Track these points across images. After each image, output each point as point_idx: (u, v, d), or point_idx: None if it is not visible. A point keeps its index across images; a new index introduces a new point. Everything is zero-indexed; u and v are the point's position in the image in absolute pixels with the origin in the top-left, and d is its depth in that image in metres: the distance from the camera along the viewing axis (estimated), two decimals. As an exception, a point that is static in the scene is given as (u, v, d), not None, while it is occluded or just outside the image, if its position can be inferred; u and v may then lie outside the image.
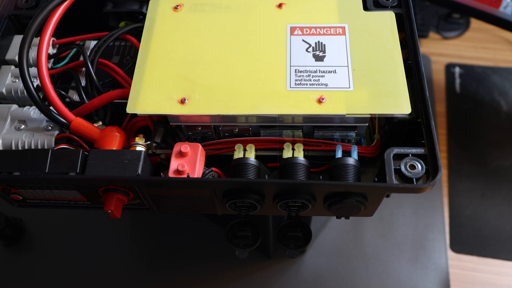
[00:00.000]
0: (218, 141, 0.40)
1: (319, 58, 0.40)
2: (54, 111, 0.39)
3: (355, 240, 0.65)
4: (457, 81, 0.80)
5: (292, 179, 0.36)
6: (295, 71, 0.39)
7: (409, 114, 0.36)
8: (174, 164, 0.37)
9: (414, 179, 0.34)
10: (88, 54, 0.43)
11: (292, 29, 0.42)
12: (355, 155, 0.37)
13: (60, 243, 0.66)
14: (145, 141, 0.39)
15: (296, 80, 0.38)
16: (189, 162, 0.37)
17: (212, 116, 0.38)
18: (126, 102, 0.38)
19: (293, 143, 0.39)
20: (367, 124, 0.39)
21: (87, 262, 0.65)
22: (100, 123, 0.41)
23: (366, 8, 0.43)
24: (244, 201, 0.37)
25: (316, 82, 0.38)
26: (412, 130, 0.38)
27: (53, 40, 0.46)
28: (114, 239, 0.66)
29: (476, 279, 0.62)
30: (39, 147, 0.38)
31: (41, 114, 0.39)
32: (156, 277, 0.63)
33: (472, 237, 0.65)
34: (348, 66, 0.39)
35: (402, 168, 0.34)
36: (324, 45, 0.41)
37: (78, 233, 0.67)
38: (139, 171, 0.35)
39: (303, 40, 0.41)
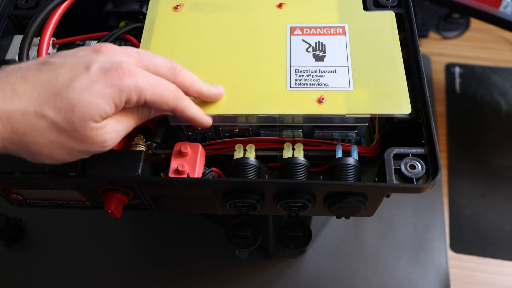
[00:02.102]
0: (218, 141, 0.40)
1: (319, 58, 0.40)
2: (54, 111, 0.38)
3: (355, 240, 0.65)
4: (457, 81, 0.80)
5: (292, 179, 0.36)
6: (295, 71, 0.39)
7: (409, 114, 0.36)
8: (174, 164, 0.37)
9: (414, 179, 0.34)
10: (88, 54, 0.43)
11: (292, 29, 0.42)
12: (355, 155, 0.37)
13: (60, 243, 0.66)
14: (145, 141, 0.39)
15: (296, 80, 0.38)
16: (189, 162, 0.37)
17: (212, 116, 0.38)
18: (126, 102, 0.38)
19: (293, 143, 0.39)
20: (367, 124, 0.39)
21: (87, 262, 0.65)
22: (100, 123, 0.41)
23: (366, 8, 0.43)
24: (244, 201, 0.37)
25: (316, 82, 0.38)
26: (412, 130, 0.38)
27: (53, 40, 0.45)
28: (114, 239, 0.66)
29: (476, 279, 0.62)
30: (39, 147, 0.38)
31: (41, 114, 0.39)
32: (156, 277, 0.63)
33: (472, 237, 0.65)
34: (348, 66, 0.39)
35: (402, 168, 0.34)
36: (324, 45, 0.41)
37: (78, 233, 0.67)
38: (139, 171, 0.35)
39: (303, 40, 0.41)
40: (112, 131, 0.30)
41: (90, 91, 0.28)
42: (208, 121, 0.37)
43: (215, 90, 0.37)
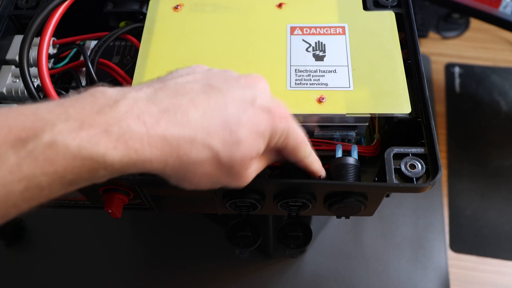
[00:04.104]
0: (219, 141, 0.40)
1: (319, 58, 0.40)
2: (55, 111, 0.38)
3: (355, 240, 0.65)
4: (457, 81, 0.80)
5: (292, 178, 0.36)
6: (295, 70, 0.39)
7: (409, 114, 0.37)
8: (175, 163, 0.37)
9: (414, 178, 0.34)
10: (88, 54, 0.43)
11: (292, 29, 0.42)
12: (355, 154, 0.37)
13: (60, 242, 0.66)
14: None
15: (296, 80, 0.38)
16: (189, 161, 0.37)
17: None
18: (127, 102, 0.38)
19: (293, 142, 0.39)
20: (367, 124, 0.39)
21: (88, 262, 0.65)
22: (101, 123, 0.41)
23: (366, 7, 0.43)
24: (245, 200, 0.37)
25: (316, 82, 0.38)
26: (412, 130, 0.39)
27: (53, 40, 0.46)
28: (114, 239, 0.66)
29: (475, 278, 0.62)
30: (40, 147, 0.38)
31: (42, 114, 0.39)
32: (156, 277, 0.63)
33: (471, 237, 0.65)
34: (348, 65, 0.39)
35: (402, 168, 0.34)
36: (324, 44, 0.41)
37: (79, 233, 0.67)
38: (140, 171, 0.35)
39: (303, 40, 0.41)
40: (255, 170, 0.30)
41: (255, 128, 0.27)
42: (324, 174, 0.36)
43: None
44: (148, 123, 0.25)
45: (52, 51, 0.46)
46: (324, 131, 0.39)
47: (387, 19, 0.42)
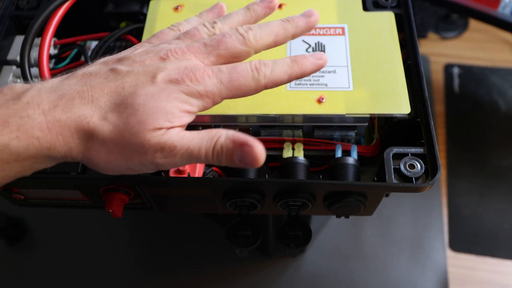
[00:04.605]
0: (219, 141, 0.40)
1: (319, 59, 0.40)
2: (56, 111, 0.39)
3: (354, 239, 0.66)
4: (456, 81, 0.80)
5: (292, 178, 0.36)
6: (295, 71, 0.39)
7: (409, 114, 0.37)
8: (175, 163, 0.37)
9: (413, 178, 0.34)
10: (89, 54, 0.43)
11: (292, 30, 0.42)
12: (354, 154, 0.37)
13: (61, 242, 0.66)
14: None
15: (296, 80, 0.39)
16: (190, 161, 0.37)
17: (212, 116, 0.38)
18: (127, 102, 0.38)
19: (293, 142, 0.39)
20: (367, 124, 0.39)
21: (89, 262, 0.65)
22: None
23: (365, 8, 0.44)
24: (245, 200, 0.37)
25: (316, 82, 0.38)
26: (412, 130, 0.39)
27: (54, 41, 0.46)
28: (115, 238, 0.67)
29: (474, 277, 0.62)
30: (41, 147, 0.38)
31: (43, 114, 0.39)
32: (156, 277, 0.63)
33: (470, 236, 0.65)
34: (347, 66, 0.39)
35: (402, 168, 0.35)
36: (324, 45, 0.41)
37: (79, 233, 0.67)
38: (140, 171, 0.36)
39: (303, 41, 0.41)
40: (177, 144, 0.28)
41: (155, 98, 0.27)
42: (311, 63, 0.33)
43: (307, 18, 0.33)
44: (46, 110, 0.26)
45: (53, 51, 0.46)
46: (324, 131, 0.40)
47: (386, 19, 0.42)
